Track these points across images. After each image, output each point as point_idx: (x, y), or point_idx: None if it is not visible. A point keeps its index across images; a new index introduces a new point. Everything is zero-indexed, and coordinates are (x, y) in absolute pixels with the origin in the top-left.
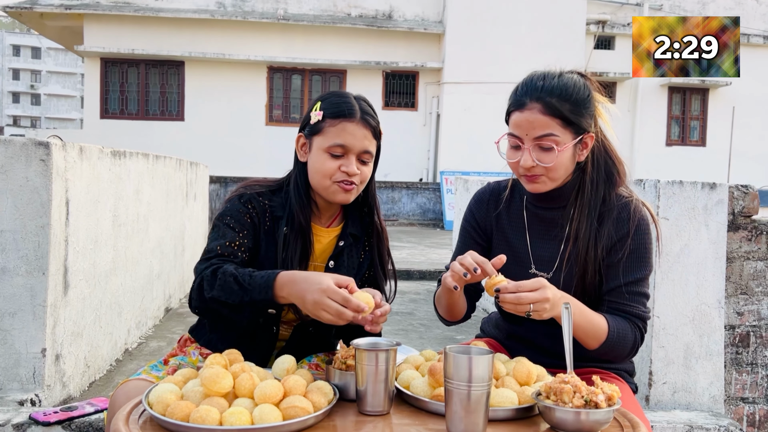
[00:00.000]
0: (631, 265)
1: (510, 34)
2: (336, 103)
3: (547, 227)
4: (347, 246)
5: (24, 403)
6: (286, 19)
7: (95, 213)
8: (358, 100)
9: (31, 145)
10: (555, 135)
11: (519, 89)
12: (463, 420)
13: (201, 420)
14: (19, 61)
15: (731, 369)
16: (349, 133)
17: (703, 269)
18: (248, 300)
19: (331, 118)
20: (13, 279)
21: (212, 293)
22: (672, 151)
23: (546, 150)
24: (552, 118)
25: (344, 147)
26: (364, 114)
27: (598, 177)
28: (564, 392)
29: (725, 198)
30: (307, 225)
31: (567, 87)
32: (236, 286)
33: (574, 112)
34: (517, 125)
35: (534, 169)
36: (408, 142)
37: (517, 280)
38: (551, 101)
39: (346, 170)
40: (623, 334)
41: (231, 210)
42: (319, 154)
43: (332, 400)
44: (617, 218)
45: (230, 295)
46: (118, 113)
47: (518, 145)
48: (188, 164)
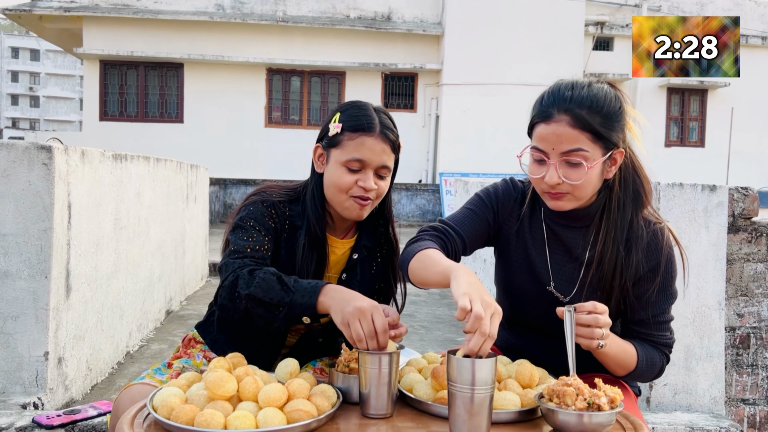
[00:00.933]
0: (662, 296)
1: (509, 35)
2: (355, 116)
3: (568, 247)
4: (361, 259)
5: (27, 406)
6: (285, 20)
7: (97, 216)
8: (378, 112)
9: (33, 149)
10: (584, 150)
11: (545, 99)
12: (466, 423)
13: (205, 424)
14: (18, 63)
15: (732, 370)
16: (367, 147)
17: (704, 271)
18: (289, 301)
19: (350, 131)
20: (16, 282)
21: (249, 290)
22: (671, 152)
23: (574, 166)
24: (581, 132)
25: (362, 161)
26: (383, 128)
27: (626, 197)
28: (567, 395)
29: (725, 200)
30: (323, 237)
31: (598, 98)
32: (279, 285)
33: (605, 125)
34: (542, 138)
35: (560, 187)
36: (407, 144)
37: (533, 297)
38: (581, 113)
39: (363, 185)
40: (651, 362)
41: (255, 213)
42: (336, 167)
43: (335, 403)
44: (647, 246)
45: (270, 293)
46: (118, 115)
47: (543, 160)
48: (188, 167)
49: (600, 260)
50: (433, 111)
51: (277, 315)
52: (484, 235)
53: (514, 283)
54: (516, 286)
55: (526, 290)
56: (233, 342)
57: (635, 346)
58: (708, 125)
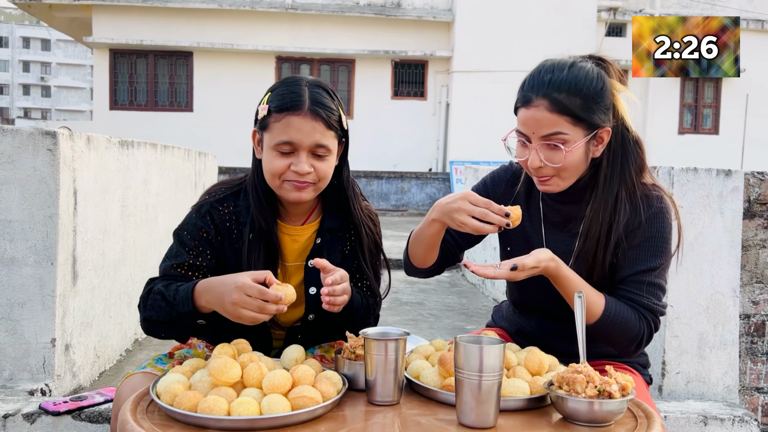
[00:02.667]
0: (645, 253)
1: (520, 21)
2: (281, 95)
3: (564, 220)
4: (326, 242)
5: (34, 392)
6: (294, 8)
7: (103, 203)
8: (311, 87)
9: (38, 134)
10: (564, 133)
11: (526, 83)
12: (474, 410)
13: (209, 410)
14: (29, 53)
15: (746, 359)
16: (294, 128)
17: (718, 257)
18: (175, 315)
19: (276, 112)
20: (22, 269)
21: (145, 314)
22: (684, 140)
23: (554, 149)
24: (560, 116)
25: (291, 143)
26: (313, 104)
27: (612, 173)
28: (577, 382)
29: (741, 185)
30: (269, 227)
31: (578, 80)
32: (164, 303)
33: (585, 107)
34: (523, 123)
35: (543, 170)
36: (417, 132)
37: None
38: (559, 97)
39: (295, 169)
40: (624, 320)
41: (188, 225)
42: (268, 152)
43: (341, 389)
44: (635, 207)
45: (159, 312)
46: (128, 104)
47: (525, 143)
48: (197, 154)
49: (587, 234)
50: (444, 99)
51: (175, 330)
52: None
53: None
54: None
55: None
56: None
57: (606, 297)
58: (722, 112)
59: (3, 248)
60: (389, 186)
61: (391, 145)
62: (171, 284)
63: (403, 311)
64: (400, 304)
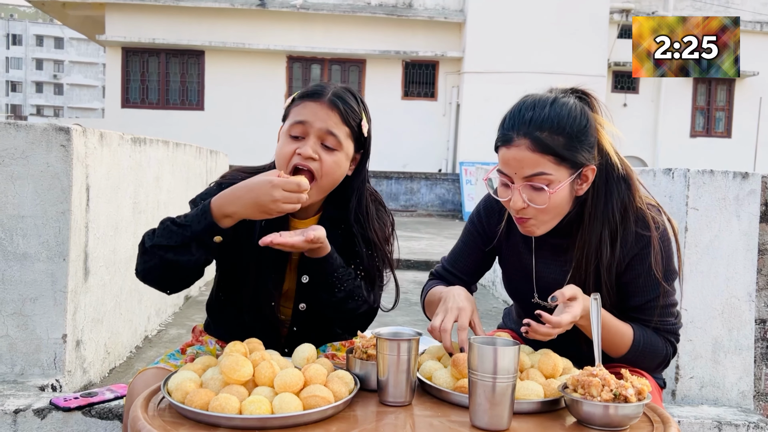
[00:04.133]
0: (654, 279)
1: (532, 22)
2: (309, 87)
3: (555, 253)
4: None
5: (45, 388)
6: (306, 8)
7: (115, 199)
8: (339, 88)
9: (51, 130)
10: (547, 174)
11: (506, 121)
12: (487, 412)
13: (220, 408)
14: (43, 51)
15: (761, 364)
16: (309, 110)
17: (734, 261)
18: (189, 234)
19: (297, 99)
20: (34, 265)
21: (153, 242)
22: (696, 143)
23: (538, 190)
24: (543, 155)
25: (303, 123)
26: (334, 96)
27: (596, 212)
28: (592, 385)
29: (758, 188)
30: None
31: (560, 117)
32: (175, 226)
33: (569, 146)
34: (505, 163)
35: (525, 211)
36: (427, 133)
37: (523, 303)
38: (541, 137)
39: (300, 151)
40: (652, 346)
41: (205, 194)
42: (282, 138)
43: (353, 389)
44: (631, 236)
45: (171, 237)
46: (139, 102)
47: (507, 184)
48: (208, 152)
49: (578, 267)
50: (454, 99)
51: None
52: (481, 262)
53: (516, 288)
54: (519, 292)
55: (526, 294)
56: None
57: (633, 327)
58: (735, 115)
59: (16, 244)
60: (399, 186)
61: (401, 146)
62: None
63: (412, 312)
64: (409, 305)
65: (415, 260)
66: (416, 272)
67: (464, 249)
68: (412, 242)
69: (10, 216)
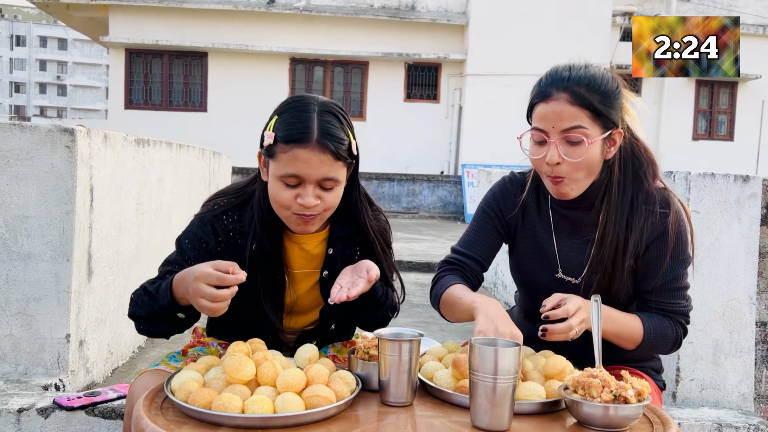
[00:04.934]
0: (671, 261)
1: (534, 25)
2: (289, 123)
3: (575, 228)
4: (338, 252)
5: (48, 387)
6: (309, 10)
7: (119, 200)
8: (322, 114)
9: (56, 131)
10: (584, 127)
11: (543, 80)
12: (488, 413)
13: (223, 407)
14: (46, 52)
15: (762, 366)
16: (302, 161)
17: (734, 264)
18: (157, 308)
19: (282, 143)
20: (39, 265)
21: (131, 311)
22: (699, 146)
23: (574, 144)
24: (581, 109)
25: (298, 177)
26: (322, 136)
27: (626, 179)
28: (592, 386)
29: (759, 191)
30: (275, 247)
31: (595, 77)
32: (146, 297)
33: (604, 103)
34: (542, 117)
35: (559, 167)
36: (429, 135)
37: (543, 283)
38: (579, 91)
39: (302, 202)
40: (662, 334)
41: (189, 233)
42: (274, 181)
43: (355, 390)
44: (653, 215)
45: (144, 307)
46: (142, 104)
47: (544, 140)
48: (211, 154)
49: (602, 241)
50: (456, 102)
51: (158, 325)
52: (497, 244)
53: (527, 273)
54: (529, 276)
55: (538, 279)
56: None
57: (640, 317)
58: (737, 118)
59: (20, 244)
60: (401, 188)
61: (403, 148)
62: (157, 280)
63: (414, 313)
64: (411, 306)
65: (417, 262)
66: (418, 274)
67: (479, 231)
68: (414, 244)
69: (15, 216)
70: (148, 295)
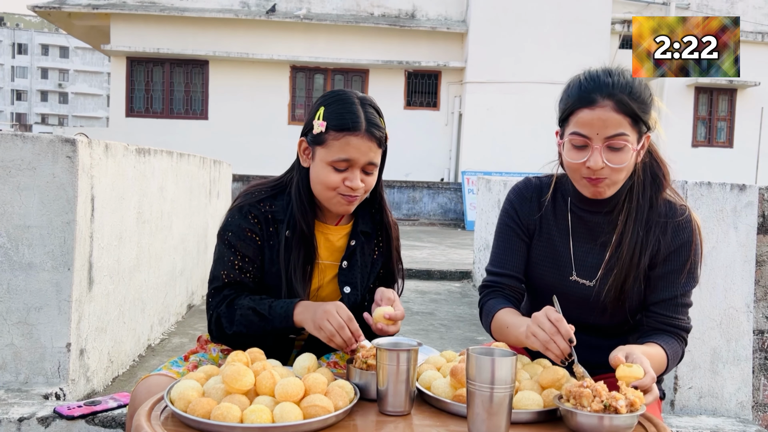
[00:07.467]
0: (684, 277)
1: (534, 33)
2: (340, 114)
3: (593, 232)
4: (359, 245)
5: (49, 396)
6: (309, 18)
7: (120, 210)
8: (364, 105)
9: (58, 142)
10: (626, 134)
11: (584, 85)
12: (485, 422)
13: (222, 417)
14: (48, 60)
15: (759, 374)
16: (353, 147)
17: (732, 272)
18: (270, 329)
19: (334, 131)
20: (39, 274)
21: (234, 329)
22: (698, 153)
23: (616, 150)
24: (624, 117)
25: (349, 161)
26: (369, 125)
27: (646, 180)
28: (583, 396)
29: (755, 200)
30: (310, 231)
31: (634, 85)
32: (256, 317)
33: (642, 110)
34: (586, 124)
35: (601, 171)
36: (430, 142)
37: (555, 285)
38: (623, 98)
39: (350, 185)
40: (675, 353)
41: (232, 225)
42: (323, 166)
43: (353, 399)
44: (674, 226)
45: (251, 327)
46: (143, 112)
47: (585, 145)
48: (211, 162)
49: (620, 242)
50: (456, 109)
51: (266, 340)
52: (526, 252)
53: (538, 276)
54: (539, 279)
55: (549, 282)
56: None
57: (663, 347)
58: (737, 125)
59: (21, 253)
60: (401, 195)
61: (404, 155)
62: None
63: (413, 321)
64: (411, 314)
65: (417, 269)
66: (417, 281)
67: (507, 246)
68: (414, 251)
69: (16, 226)
70: (258, 315)
